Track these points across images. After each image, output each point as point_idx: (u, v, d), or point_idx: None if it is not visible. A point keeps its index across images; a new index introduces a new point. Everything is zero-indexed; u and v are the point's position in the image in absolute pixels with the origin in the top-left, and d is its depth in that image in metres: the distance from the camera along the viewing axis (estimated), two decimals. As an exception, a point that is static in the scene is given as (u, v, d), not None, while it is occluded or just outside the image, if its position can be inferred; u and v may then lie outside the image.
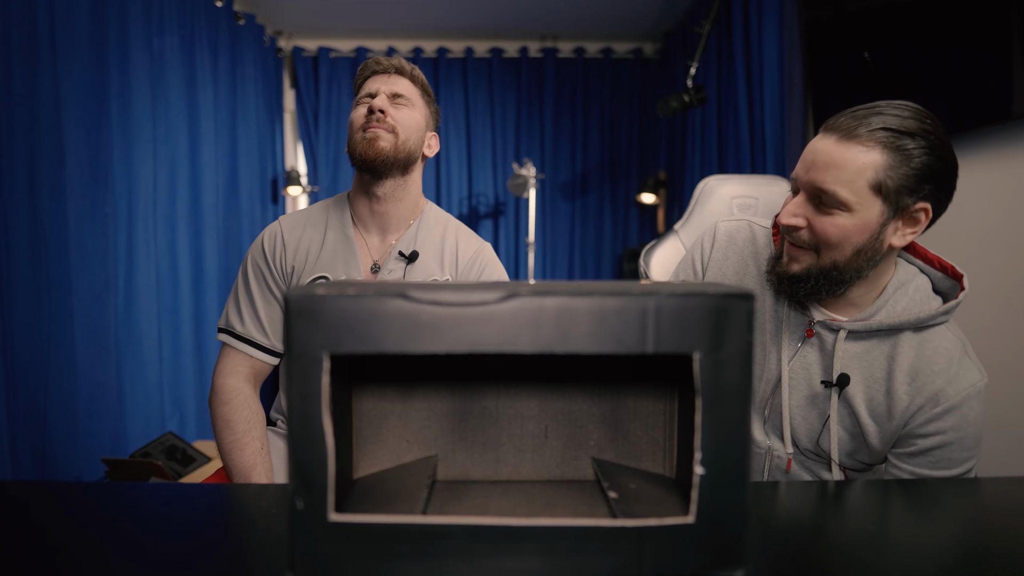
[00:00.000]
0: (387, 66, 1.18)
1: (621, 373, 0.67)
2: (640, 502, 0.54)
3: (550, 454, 0.68)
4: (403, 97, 1.17)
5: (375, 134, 1.12)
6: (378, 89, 1.16)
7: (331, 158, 3.93)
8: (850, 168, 0.77)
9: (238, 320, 1.16)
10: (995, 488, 0.76)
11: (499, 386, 0.67)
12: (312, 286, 0.42)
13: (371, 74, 1.19)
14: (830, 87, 2.28)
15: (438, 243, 1.20)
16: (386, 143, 1.13)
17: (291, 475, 0.42)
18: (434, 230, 1.22)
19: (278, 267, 1.17)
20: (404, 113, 1.16)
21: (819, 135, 0.81)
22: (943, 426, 0.83)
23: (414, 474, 0.62)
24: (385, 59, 1.19)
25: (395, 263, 1.16)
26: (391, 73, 1.19)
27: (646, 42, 4.05)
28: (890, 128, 0.76)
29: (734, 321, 0.42)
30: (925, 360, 0.84)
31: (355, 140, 1.14)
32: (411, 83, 1.19)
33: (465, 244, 1.22)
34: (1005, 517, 0.67)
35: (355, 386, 0.67)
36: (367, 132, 1.13)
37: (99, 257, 2.37)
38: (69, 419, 2.22)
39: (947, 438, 0.83)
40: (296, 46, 3.93)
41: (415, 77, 1.21)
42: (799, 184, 0.81)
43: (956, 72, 1.73)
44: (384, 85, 1.16)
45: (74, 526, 0.62)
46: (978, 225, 1.74)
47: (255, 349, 1.15)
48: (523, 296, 0.41)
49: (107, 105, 2.39)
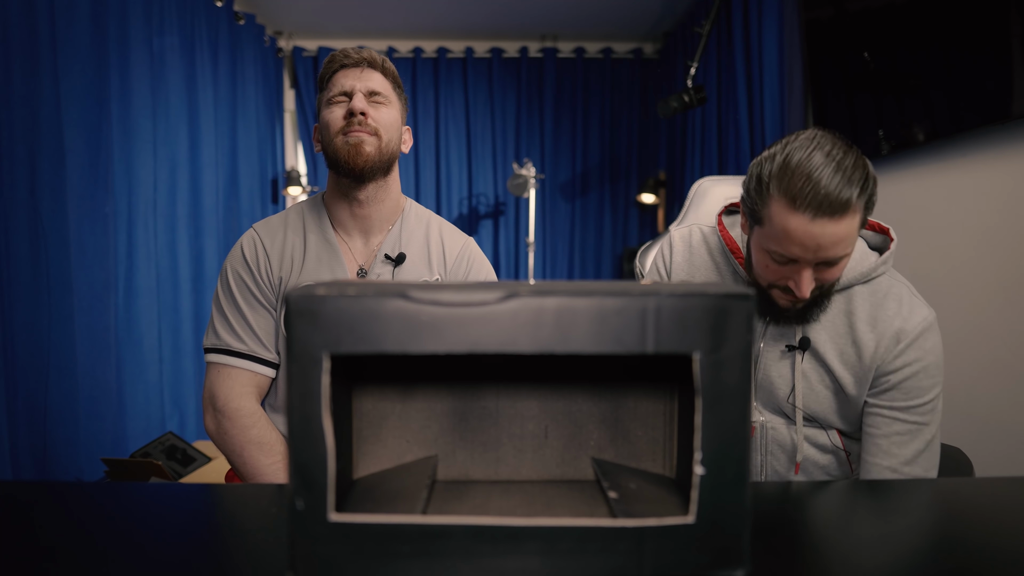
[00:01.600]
0: (357, 59, 1.09)
1: (621, 373, 0.67)
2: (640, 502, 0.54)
3: (550, 454, 0.68)
4: (380, 95, 1.09)
5: (359, 139, 1.06)
6: (352, 87, 1.08)
7: (331, 158, 3.94)
8: (851, 235, 0.83)
9: (232, 337, 1.09)
10: (995, 488, 0.76)
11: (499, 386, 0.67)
12: (312, 286, 0.42)
13: (339, 68, 1.10)
14: (830, 87, 2.28)
15: (423, 242, 1.16)
16: (371, 147, 1.07)
17: (291, 475, 0.42)
18: (417, 229, 1.17)
19: (263, 276, 1.11)
20: (383, 113, 1.10)
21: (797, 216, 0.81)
22: (908, 359, 0.93)
23: (414, 474, 0.62)
24: (354, 51, 1.10)
25: (381, 266, 1.12)
26: (363, 67, 1.09)
27: (646, 42, 4.05)
28: (863, 185, 0.81)
29: (734, 321, 0.42)
30: (879, 307, 0.94)
31: (335, 145, 1.08)
32: (383, 77, 1.11)
33: (451, 241, 1.18)
34: (1006, 517, 0.67)
35: (355, 386, 0.67)
36: (349, 137, 1.06)
37: (99, 257, 2.36)
38: (69, 419, 2.21)
39: (914, 368, 0.93)
40: (296, 46, 3.93)
41: (387, 70, 1.12)
42: (803, 261, 0.84)
43: (956, 72, 1.73)
44: (358, 82, 1.08)
45: (74, 526, 0.61)
46: (977, 224, 1.73)
47: (259, 364, 1.09)
48: (523, 296, 0.41)
49: (107, 105, 2.39)
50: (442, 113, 4.01)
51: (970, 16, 1.67)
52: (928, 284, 1.92)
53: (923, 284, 1.93)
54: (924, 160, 1.93)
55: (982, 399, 1.72)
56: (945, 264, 1.85)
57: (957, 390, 1.80)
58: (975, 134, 1.72)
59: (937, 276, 1.88)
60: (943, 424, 1.40)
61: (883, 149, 2.03)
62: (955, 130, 1.75)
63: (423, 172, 4.00)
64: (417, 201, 1.24)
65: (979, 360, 1.73)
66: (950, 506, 0.70)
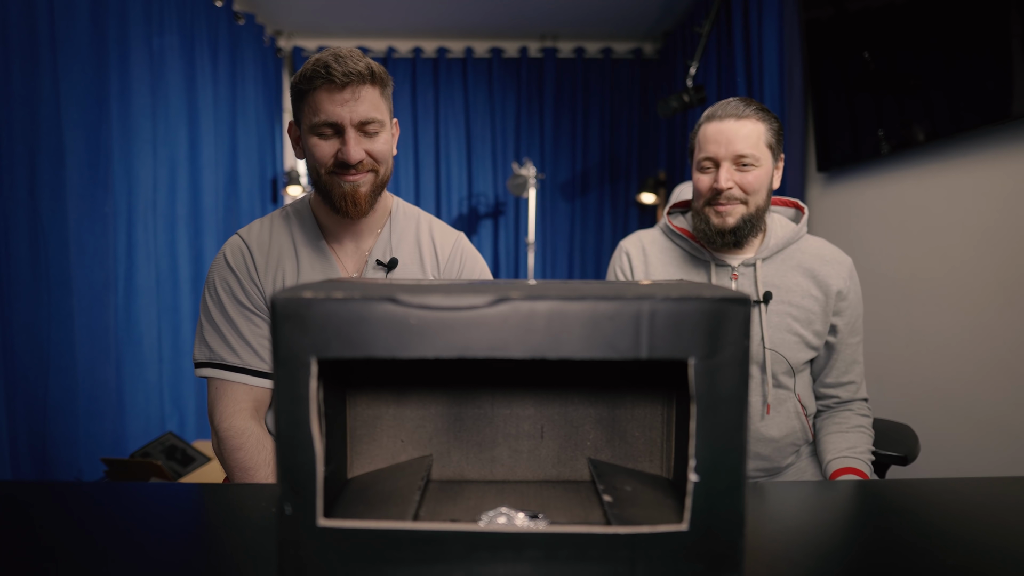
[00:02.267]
0: (343, 80, 0.94)
1: (618, 375, 0.66)
2: (635, 506, 0.53)
3: (546, 454, 0.68)
4: (373, 122, 0.98)
5: (354, 185, 0.99)
6: (341, 119, 0.95)
7: (331, 158, 3.92)
8: (754, 135, 1.12)
9: (226, 350, 1.02)
10: (995, 488, 0.75)
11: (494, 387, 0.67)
12: (299, 288, 0.41)
13: (321, 85, 0.95)
14: (830, 87, 2.27)
15: (413, 243, 1.12)
16: (367, 187, 1.01)
17: (279, 480, 0.41)
18: (407, 230, 1.13)
19: (252, 282, 1.05)
20: (379, 143, 1.00)
21: (712, 123, 1.14)
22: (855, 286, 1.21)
23: (408, 474, 0.61)
24: (336, 63, 0.94)
25: (373, 273, 1.08)
26: (351, 87, 0.95)
27: (646, 42, 4.04)
28: (760, 107, 1.14)
29: (730, 326, 0.41)
30: (818, 254, 1.20)
31: (325, 182, 1.00)
32: (373, 88, 0.98)
33: (442, 238, 1.14)
34: (1006, 517, 0.66)
35: (349, 386, 0.66)
36: (345, 183, 0.99)
37: (99, 257, 2.36)
38: (69, 419, 2.21)
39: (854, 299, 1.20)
40: (296, 46, 3.92)
41: (376, 77, 0.98)
42: (719, 159, 1.13)
43: (956, 72, 1.73)
44: (347, 111, 0.95)
45: (73, 526, 0.61)
46: (978, 224, 1.73)
47: (255, 377, 1.03)
48: (513, 300, 0.41)
49: (107, 105, 2.39)
50: (442, 113, 4.00)
51: (970, 16, 1.66)
52: (928, 284, 1.91)
53: (923, 284, 1.93)
54: (924, 160, 1.92)
55: (983, 400, 1.71)
56: (945, 264, 1.85)
57: (957, 390, 1.80)
58: (975, 134, 1.71)
59: (937, 276, 1.87)
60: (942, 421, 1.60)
61: (883, 149, 2.02)
62: (955, 130, 1.74)
63: (423, 172, 3.99)
64: (417, 202, 1.21)
65: (979, 360, 1.72)
66: (949, 507, 0.69)
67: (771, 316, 1.17)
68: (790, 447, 1.20)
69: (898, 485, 0.77)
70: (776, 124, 1.16)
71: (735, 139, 1.12)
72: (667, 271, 1.24)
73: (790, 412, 1.19)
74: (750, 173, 1.13)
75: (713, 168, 1.15)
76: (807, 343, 1.18)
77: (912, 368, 1.97)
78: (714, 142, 1.13)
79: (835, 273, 1.18)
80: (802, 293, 1.18)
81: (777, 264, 1.19)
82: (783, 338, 1.17)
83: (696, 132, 1.18)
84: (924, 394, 1.93)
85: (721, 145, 1.13)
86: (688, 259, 1.24)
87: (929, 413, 1.89)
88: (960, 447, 1.78)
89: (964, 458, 1.76)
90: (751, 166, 1.13)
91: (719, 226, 1.16)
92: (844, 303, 1.18)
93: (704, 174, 1.17)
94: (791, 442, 1.19)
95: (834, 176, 2.39)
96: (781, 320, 1.17)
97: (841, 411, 1.22)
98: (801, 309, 1.17)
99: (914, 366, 1.97)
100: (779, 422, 1.18)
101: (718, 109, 1.15)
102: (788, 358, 1.17)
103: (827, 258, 1.20)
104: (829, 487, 0.80)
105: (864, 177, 2.21)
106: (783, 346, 1.17)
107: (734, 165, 1.13)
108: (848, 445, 1.15)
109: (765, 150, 1.13)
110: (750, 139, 1.12)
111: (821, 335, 1.18)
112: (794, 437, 1.19)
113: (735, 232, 1.15)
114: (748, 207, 1.14)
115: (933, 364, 1.89)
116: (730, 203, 1.14)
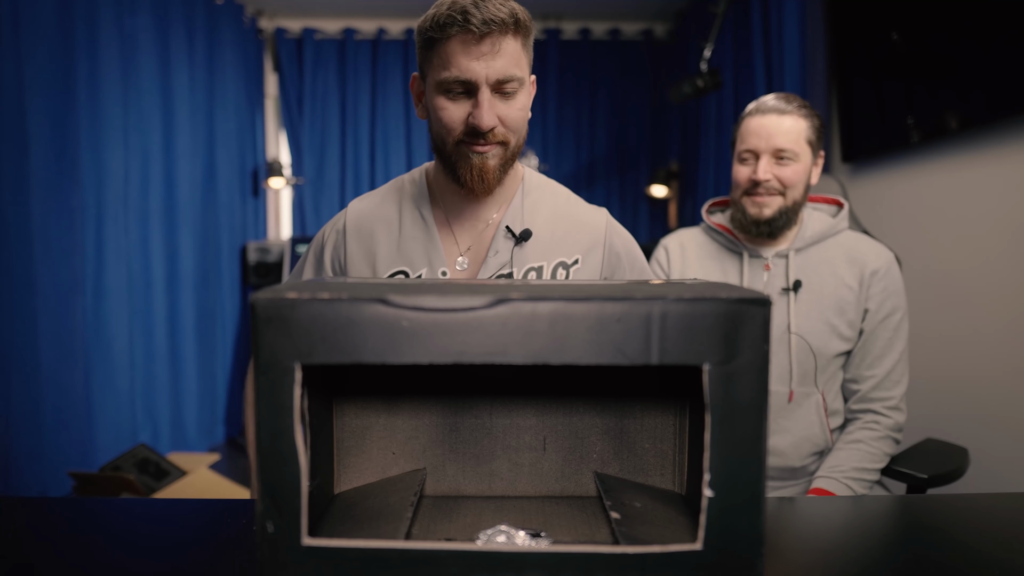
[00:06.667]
0: (481, 28, 0.85)
1: (627, 382, 0.66)
2: (645, 524, 0.53)
3: (549, 468, 0.68)
4: (511, 80, 0.89)
5: (483, 158, 0.92)
6: (476, 76, 0.88)
7: (316, 147, 3.92)
8: (795, 131, 1.24)
9: None
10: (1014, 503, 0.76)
11: (493, 395, 0.67)
12: (281, 288, 0.41)
13: (456, 34, 0.87)
14: (856, 70, 2.27)
15: (549, 218, 1.03)
16: (496, 160, 0.93)
17: (260, 496, 0.41)
18: (541, 202, 1.04)
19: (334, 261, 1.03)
20: (515, 105, 0.92)
21: (754, 117, 1.27)
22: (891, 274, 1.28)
23: (399, 489, 0.61)
24: (474, 9, 0.85)
25: (503, 243, 0.99)
26: (491, 36, 0.86)
27: (657, 22, 4.04)
28: (803, 104, 1.26)
29: (748, 329, 0.41)
30: (855, 247, 1.30)
31: (451, 152, 0.94)
32: (515, 38, 0.89)
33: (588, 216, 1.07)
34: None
35: (336, 393, 0.66)
36: (472, 153, 0.92)
37: (66, 255, 2.36)
38: (33, 430, 2.21)
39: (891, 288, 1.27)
40: (278, 27, 3.92)
41: (519, 24, 0.89)
42: (759, 151, 1.25)
43: (993, 55, 1.72)
44: (483, 66, 0.87)
45: (39, 544, 0.61)
46: (1012, 218, 1.73)
47: None
48: (514, 301, 0.41)
49: (74, 91, 2.39)
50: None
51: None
52: (960, 280, 1.91)
53: (954, 280, 1.93)
54: (957, 149, 1.92)
55: (1018, 401, 1.71)
56: (977, 258, 1.85)
57: (987, 392, 1.80)
58: (1014, 122, 1.71)
59: (969, 271, 1.87)
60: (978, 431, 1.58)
61: (913, 137, 2.02)
62: (992, 117, 1.74)
63: (416, 162, 3.99)
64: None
65: (1013, 359, 1.72)
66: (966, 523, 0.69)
67: (801, 305, 1.27)
68: (807, 444, 1.26)
69: (929, 500, 0.78)
70: (818, 122, 1.27)
71: (776, 133, 1.24)
72: (702, 264, 1.37)
73: (811, 407, 1.26)
74: (788, 167, 1.24)
75: (753, 160, 1.27)
76: (839, 333, 1.25)
77: (944, 369, 1.97)
78: (755, 135, 1.26)
79: (872, 261, 1.27)
80: (836, 283, 1.27)
81: (812, 255, 1.30)
82: (813, 327, 1.25)
83: (739, 125, 1.31)
84: (956, 398, 1.93)
85: (762, 139, 1.25)
86: (722, 251, 1.37)
87: (956, 413, 1.89)
88: (993, 452, 1.78)
89: (1010, 471, 1.76)
90: (790, 160, 1.24)
91: (755, 216, 1.27)
92: (877, 287, 1.25)
93: (744, 165, 1.29)
94: (808, 438, 1.26)
95: (860, 166, 2.39)
96: (812, 308, 1.26)
97: (853, 422, 1.28)
98: (835, 298, 1.26)
99: (946, 367, 1.97)
100: (799, 415, 1.25)
101: (761, 104, 1.28)
102: (816, 347, 1.25)
103: (865, 249, 1.28)
104: (855, 503, 0.80)
105: (892, 168, 2.21)
106: (812, 334, 1.25)
107: (773, 158, 1.25)
108: (834, 463, 1.22)
109: (805, 146, 1.25)
110: (791, 134, 1.24)
111: (855, 325, 1.26)
112: (812, 435, 1.26)
113: (770, 223, 1.27)
114: (785, 200, 1.26)
115: (966, 366, 1.89)
116: (768, 195, 1.26)
